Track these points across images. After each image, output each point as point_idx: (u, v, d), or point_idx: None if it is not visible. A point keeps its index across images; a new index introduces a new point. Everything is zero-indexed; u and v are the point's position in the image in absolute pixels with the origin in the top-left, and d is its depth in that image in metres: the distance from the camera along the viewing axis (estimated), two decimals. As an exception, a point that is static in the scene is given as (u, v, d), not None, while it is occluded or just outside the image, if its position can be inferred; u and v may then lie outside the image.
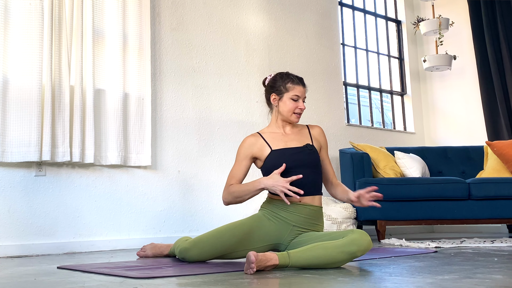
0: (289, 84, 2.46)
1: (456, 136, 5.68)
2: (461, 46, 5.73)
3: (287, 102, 2.45)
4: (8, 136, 3.11)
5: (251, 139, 2.46)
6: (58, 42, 3.30)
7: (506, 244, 3.19)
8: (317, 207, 2.41)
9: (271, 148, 2.41)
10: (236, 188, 2.38)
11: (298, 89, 2.45)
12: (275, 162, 2.36)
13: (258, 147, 2.44)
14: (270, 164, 2.38)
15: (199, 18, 4.17)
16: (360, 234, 2.14)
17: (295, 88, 2.45)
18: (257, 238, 2.36)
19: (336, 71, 5.10)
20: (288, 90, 2.45)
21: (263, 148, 2.43)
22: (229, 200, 2.41)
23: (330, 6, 5.17)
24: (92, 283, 1.77)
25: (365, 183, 3.91)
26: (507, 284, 1.60)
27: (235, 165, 2.45)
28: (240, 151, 2.45)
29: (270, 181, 2.25)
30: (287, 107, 2.45)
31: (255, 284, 1.68)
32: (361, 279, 1.79)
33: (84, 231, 3.37)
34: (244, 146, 2.45)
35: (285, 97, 2.45)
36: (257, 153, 2.44)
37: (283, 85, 2.47)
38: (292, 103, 2.44)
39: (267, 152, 2.41)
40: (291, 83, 2.46)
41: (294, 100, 2.44)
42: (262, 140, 2.45)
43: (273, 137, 2.45)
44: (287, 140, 2.44)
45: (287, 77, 2.49)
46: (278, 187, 2.22)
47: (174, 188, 3.83)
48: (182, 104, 3.97)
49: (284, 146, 2.42)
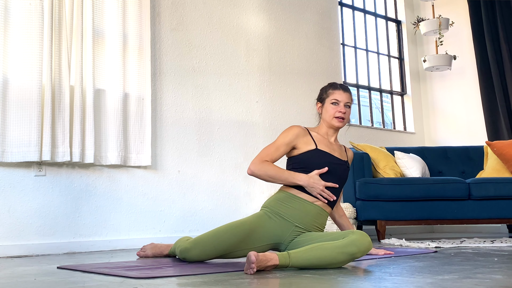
0: (330, 90, 2.54)
1: (456, 136, 5.68)
2: (461, 46, 5.73)
3: (328, 108, 2.52)
4: (8, 136, 3.11)
5: (301, 130, 2.48)
6: (58, 42, 3.30)
7: (506, 244, 3.19)
8: (326, 212, 2.46)
9: (316, 145, 2.45)
10: (273, 168, 2.40)
11: (337, 93, 2.51)
12: (316, 160, 2.41)
13: (304, 140, 2.46)
14: (311, 160, 2.41)
15: (199, 18, 4.17)
16: (361, 235, 2.15)
17: (334, 92, 2.52)
18: (257, 237, 2.36)
19: (336, 71, 5.10)
20: (328, 95, 2.53)
21: (308, 142, 2.46)
22: (260, 174, 2.41)
23: (330, 6, 5.17)
24: (92, 283, 1.77)
25: (365, 183, 3.91)
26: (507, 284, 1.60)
27: (274, 147, 2.46)
28: (287, 135, 2.46)
29: (310, 181, 2.34)
30: (328, 112, 2.51)
31: (255, 284, 1.68)
32: (361, 279, 1.79)
33: (84, 231, 3.37)
34: (292, 133, 2.46)
35: (326, 103, 2.53)
36: (300, 145, 2.46)
37: (325, 92, 2.56)
38: (332, 107, 2.50)
39: (310, 147, 2.44)
40: (332, 89, 2.54)
41: (334, 104, 2.50)
42: (309, 135, 2.49)
43: (319, 139, 2.50)
44: (331, 149, 2.50)
45: (329, 85, 2.59)
46: (317, 189, 2.34)
47: (174, 188, 3.83)
48: (182, 104, 3.97)
49: (329, 151, 2.47)
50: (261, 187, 4.26)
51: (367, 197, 3.90)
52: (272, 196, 2.51)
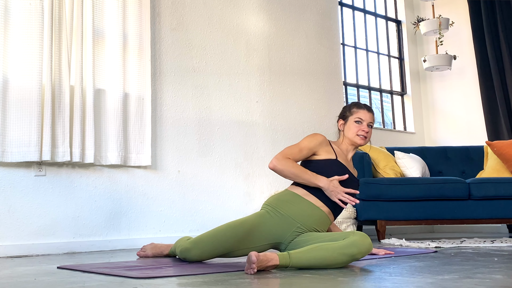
0: (354, 109, 2.60)
1: (456, 136, 5.68)
2: (461, 46, 5.73)
3: (350, 126, 2.57)
4: (8, 136, 3.11)
5: (325, 140, 2.53)
6: (58, 42, 3.30)
7: (506, 244, 3.19)
8: (329, 220, 2.48)
9: (336, 157, 2.50)
10: (296, 166, 2.42)
11: (362, 113, 2.57)
12: (334, 170, 2.45)
13: (326, 149, 2.50)
14: (329, 168, 2.45)
15: (199, 18, 4.17)
16: (361, 236, 2.15)
17: (359, 112, 2.58)
18: (258, 237, 2.36)
19: (336, 71, 5.10)
20: (352, 114, 2.59)
21: (329, 152, 2.50)
22: (282, 169, 2.42)
23: (330, 6, 5.17)
24: (92, 283, 1.77)
25: (365, 183, 3.91)
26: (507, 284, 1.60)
27: (298, 148, 2.48)
28: (312, 141, 2.49)
29: (330, 185, 2.36)
30: (351, 130, 2.56)
31: (255, 284, 1.68)
32: (361, 279, 1.79)
33: (84, 231, 3.37)
34: (317, 139, 2.50)
35: (349, 120, 2.59)
36: (320, 151, 2.49)
37: (348, 110, 2.62)
38: (355, 125, 2.56)
39: (331, 157, 2.49)
40: (356, 108, 2.60)
41: (357, 122, 2.55)
42: (330, 146, 2.54)
43: (339, 152, 2.54)
44: (349, 165, 2.56)
45: (353, 104, 2.65)
46: (337, 194, 2.36)
47: (174, 188, 3.83)
48: (182, 104, 3.97)
49: (346, 166, 2.51)
50: (261, 187, 4.26)
51: (367, 197, 3.90)
52: (275, 195, 2.50)
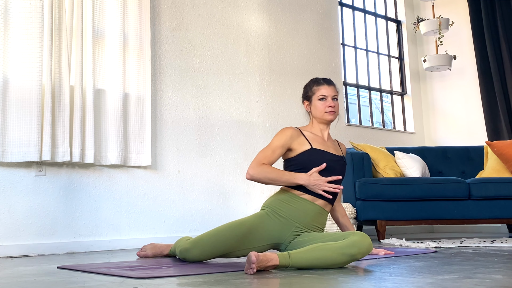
0: (314, 87, 2.54)
1: (456, 136, 5.68)
2: (461, 46, 5.73)
3: (316, 104, 2.52)
4: (8, 136, 3.11)
5: (294, 132, 2.47)
6: (58, 42, 3.30)
7: (506, 244, 3.19)
8: (326, 212, 2.47)
9: (311, 145, 2.44)
10: (273, 170, 2.38)
11: (323, 89, 2.52)
12: (313, 160, 2.40)
13: (298, 141, 2.45)
14: (308, 159, 2.41)
15: (199, 18, 4.17)
16: (361, 236, 2.15)
17: (319, 89, 2.52)
18: (258, 237, 2.36)
19: (336, 71, 5.10)
20: (314, 92, 2.53)
21: (303, 143, 2.45)
22: (260, 177, 2.38)
23: (330, 6, 5.17)
24: (92, 283, 1.77)
25: (365, 183, 3.91)
26: (507, 284, 1.60)
27: (270, 150, 2.44)
28: (281, 138, 2.45)
29: (311, 179, 2.33)
30: (318, 109, 2.51)
31: (255, 284, 1.68)
32: (361, 279, 1.79)
33: (84, 231, 3.37)
34: (286, 135, 2.45)
35: (314, 100, 2.53)
36: (295, 146, 2.45)
37: (309, 90, 2.56)
38: (320, 103, 2.51)
39: (305, 148, 2.44)
40: (316, 85, 2.54)
41: (321, 99, 2.50)
42: (303, 136, 2.48)
43: (313, 138, 2.49)
44: (326, 146, 2.50)
45: (312, 81, 2.58)
46: (320, 186, 2.33)
47: (174, 188, 3.83)
48: (182, 104, 3.97)
49: (324, 149, 2.46)
50: (261, 187, 4.26)
51: (367, 197, 3.90)
52: (272, 195, 2.50)
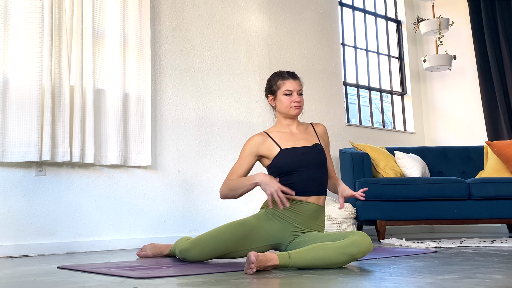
0: (279, 81, 2.47)
1: (456, 136, 5.68)
2: (461, 46, 5.73)
3: (282, 99, 2.46)
4: (8, 136, 3.11)
5: (259, 138, 2.44)
6: (58, 42, 3.30)
7: (506, 244, 3.19)
8: (321, 207, 2.43)
9: (280, 147, 2.40)
10: (232, 181, 2.38)
11: (288, 84, 2.45)
12: (285, 161, 2.37)
13: (266, 146, 2.42)
14: (280, 163, 2.38)
15: (199, 18, 4.17)
16: (361, 236, 2.14)
17: (285, 83, 2.46)
18: (257, 238, 2.36)
19: (336, 71, 5.10)
20: (279, 87, 2.47)
21: (271, 147, 2.41)
22: (225, 193, 2.39)
23: (330, 6, 5.17)
24: (92, 283, 1.77)
25: (365, 183, 3.91)
26: (507, 284, 1.60)
27: (238, 161, 2.44)
28: (246, 148, 2.43)
29: (266, 179, 2.24)
30: (283, 104, 2.46)
31: (255, 284, 1.68)
32: (361, 279, 1.79)
33: (84, 231, 3.37)
34: (250, 144, 2.43)
35: (279, 94, 2.47)
36: (264, 152, 2.42)
37: (274, 84, 2.49)
38: (286, 98, 2.45)
39: (276, 151, 2.40)
40: (281, 80, 2.47)
41: (287, 95, 2.45)
42: (270, 139, 2.44)
43: (281, 137, 2.44)
44: (295, 140, 2.44)
45: (277, 75, 2.50)
46: (271, 187, 2.20)
47: (174, 188, 3.83)
48: (182, 104, 3.97)
49: (293, 145, 2.41)
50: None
51: (367, 197, 3.89)
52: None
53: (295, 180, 2.36)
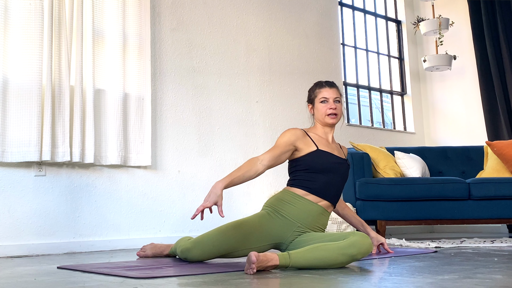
0: (317, 90, 2.57)
1: (456, 136, 5.68)
2: (461, 46, 5.73)
3: (318, 107, 2.54)
4: (8, 136, 3.11)
5: (300, 132, 2.49)
6: (58, 42, 3.30)
7: (506, 244, 3.19)
8: (328, 213, 2.49)
9: (317, 147, 2.46)
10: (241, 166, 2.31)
11: (325, 91, 2.54)
12: (319, 161, 2.43)
13: (304, 141, 2.47)
14: (314, 160, 2.43)
15: (199, 18, 4.17)
16: (361, 237, 2.15)
17: (321, 91, 2.55)
18: (259, 237, 2.36)
19: (336, 71, 5.10)
20: (316, 95, 2.56)
21: (309, 144, 2.47)
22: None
23: (330, 6, 5.17)
24: (92, 283, 1.77)
25: (365, 183, 3.91)
26: (507, 284, 1.60)
27: (274, 145, 2.43)
28: (285, 135, 2.45)
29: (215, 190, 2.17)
30: (319, 112, 2.54)
31: (255, 284, 1.68)
32: (361, 279, 1.79)
33: (84, 231, 3.37)
34: (291, 133, 2.46)
35: (316, 102, 2.56)
36: (301, 146, 2.46)
37: (312, 93, 2.59)
38: (322, 106, 2.52)
39: (312, 149, 2.45)
40: (318, 88, 2.57)
41: (323, 102, 2.52)
42: (308, 137, 2.50)
43: (318, 140, 2.51)
44: (331, 148, 2.52)
45: (315, 85, 2.61)
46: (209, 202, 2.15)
47: (174, 188, 3.83)
48: (182, 104, 3.97)
49: (329, 151, 2.49)
50: (261, 187, 4.26)
51: (367, 197, 3.90)
52: (274, 195, 2.51)
53: (319, 180, 2.42)
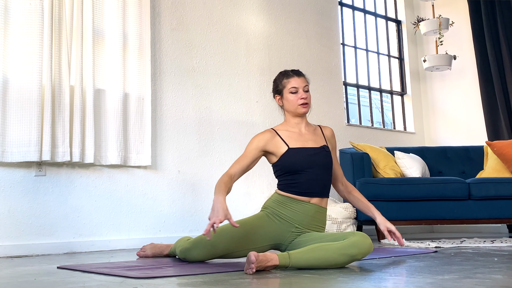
0: (284, 80, 2.46)
1: (456, 136, 5.68)
2: (461, 46, 5.73)
3: (288, 97, 2.45)
4: (8, 136, 3.11)
5: (267, 134, 2.43)
6: (58, 42, 3.30)
7: (506, 244, 3.19)
8: (324, 208, 2.43)
9: (288, 145, 2.40)
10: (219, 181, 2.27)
11: (293, 81, 2.44)
12: (292, 160, 2.36)
13: (274, 144, 2.41)
14: (287, 162, 2.38)
15: (199, 18, 4.17)
16: (361, 237, 2.14)
17: (289, 81, 2.45)
18: (258, 238, 2.36)
19: (336, 71, 5.10)
20: (284, 85, 2.46)
21: (279, 145, 2.40)
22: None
23: (330, 6, 5.17)
24: (92, 283, 1.77)
25: (365, 183, 3.91)
26: (507, 284, 1.60)
27: (243, 154, 2.42)
28: (253, 141, 2.42)
29: (218, 205, 2.09)
30: (290, 102, 2.45)
31: (255, 284, 1.68)
32: (361, 279, 1.79)
33: (84, 231, 3.37)
34: (258, 138, 2.42)
35: (285, 93, 2.46)
36: (271, 149, 2.41)
37: (280, 83, 2.48)
38: (292, 96, 2.44)
39: (283, 149, 2.39)
40: (286, 78, 2.46)
41: (293, 92, 2.43)
42: (278, 137, 2.43)
43: (289, 136, 2.44)
44: (303, 140, 2.43)
45: (281, 74, 2.50)
46: (216, 217, 2.04)
47: (174, 188, 3.83)
48: (182, 104, 3.97)
49: (301, 145, 2.41)
50: (261, 187, 4.26)
51: (367, 197, 3.89)
52: (270, 197, 2.50)
53: (300, 180, 2.36)
